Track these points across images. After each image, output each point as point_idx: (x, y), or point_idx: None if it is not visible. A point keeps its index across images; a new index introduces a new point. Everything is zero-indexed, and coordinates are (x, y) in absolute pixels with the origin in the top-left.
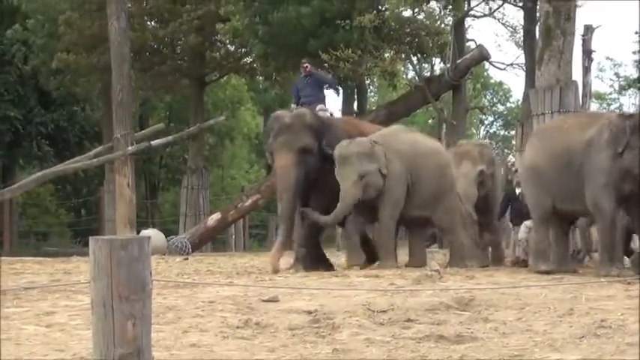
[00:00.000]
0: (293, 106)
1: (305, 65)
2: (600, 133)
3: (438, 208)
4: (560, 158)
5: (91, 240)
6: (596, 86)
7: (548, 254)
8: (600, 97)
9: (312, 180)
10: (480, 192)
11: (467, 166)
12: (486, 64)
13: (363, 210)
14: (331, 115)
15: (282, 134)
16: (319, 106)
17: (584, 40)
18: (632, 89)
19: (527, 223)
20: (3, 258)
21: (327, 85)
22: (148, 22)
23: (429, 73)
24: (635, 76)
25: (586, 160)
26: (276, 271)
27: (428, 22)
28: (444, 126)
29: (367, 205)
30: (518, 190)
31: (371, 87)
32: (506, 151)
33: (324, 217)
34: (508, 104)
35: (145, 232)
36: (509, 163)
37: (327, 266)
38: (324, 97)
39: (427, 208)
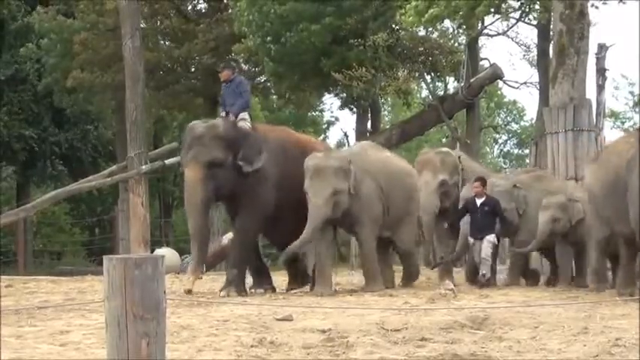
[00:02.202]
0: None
1: (219, 71)
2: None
3: (400, 229)
4: (609, 181)
5: (105, 259)
6: (612, 104)
7: (607, 277)
8: (614, 115)
9: (229, 195)
10: (445, 203)
11: (427, 176)
12: (500, 83)
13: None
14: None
15: (194, 146)
16: (240, 115)
17: (597, 59)
18: None
19: (490, 238)
20: (17, 277)
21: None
22: (163, 42)
23: (442, 92)
24: None
25: (628, 180)
26: (188, 292)
27: (442, 41)
28: (458, 145)
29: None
30: (479, 201)
31: (385, 106)
32: (519, 169)
33: (295, 243)
34: (522, 123)
35: (159, 251)
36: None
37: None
38: (246, 102)
39: (391, 229)
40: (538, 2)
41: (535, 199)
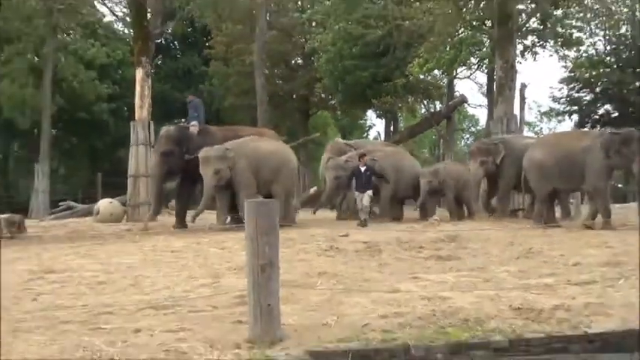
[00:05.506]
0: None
1: (186, 95)
2: (594, 143)
3: (275, 184)
4: (562, 157)
5: (246, 202)
6: (527, 117)
7: (543, 217)
8: (529, 124)
9: (178, 174)
10: (330, 176)
11: (323, 160)
12: (466, 105)
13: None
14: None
15: (157, 142)
16: (191, 123)
17: (521, 91)
18: (545, 117)
19: (369, 192)
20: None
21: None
22: (278, 81)
23: (433, 110)
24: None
25: (586, 159)
26: (145, 229)
27: (433, 81)
28: (442, 141)
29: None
30: (363, 168)
31: (400, 117)
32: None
33: (201, 203)
34: (477, 127)
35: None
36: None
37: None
38: (197, 116)
39: (266, 188)
40: (487, 59)
41: (391, 169)
